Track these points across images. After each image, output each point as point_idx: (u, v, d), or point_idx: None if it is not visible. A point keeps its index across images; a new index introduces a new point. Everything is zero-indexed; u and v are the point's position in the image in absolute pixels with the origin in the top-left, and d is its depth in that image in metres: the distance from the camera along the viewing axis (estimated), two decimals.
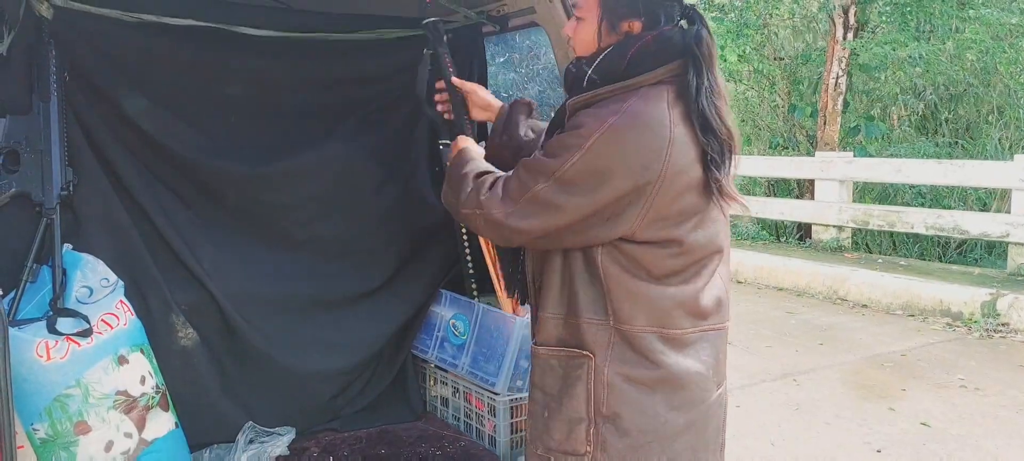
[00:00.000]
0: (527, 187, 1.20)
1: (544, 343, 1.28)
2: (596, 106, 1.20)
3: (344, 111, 2.15)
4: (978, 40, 7.22)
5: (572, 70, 1.28)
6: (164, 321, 1.84)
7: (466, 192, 1.28)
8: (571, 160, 1.16)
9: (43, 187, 1.70)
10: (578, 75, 1.26)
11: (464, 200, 1.28)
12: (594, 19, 1.25)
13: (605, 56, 1.22)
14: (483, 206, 1.24)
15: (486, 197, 1.24)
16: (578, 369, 1.23)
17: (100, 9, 1.80)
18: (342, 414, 2.14)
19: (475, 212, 1.26)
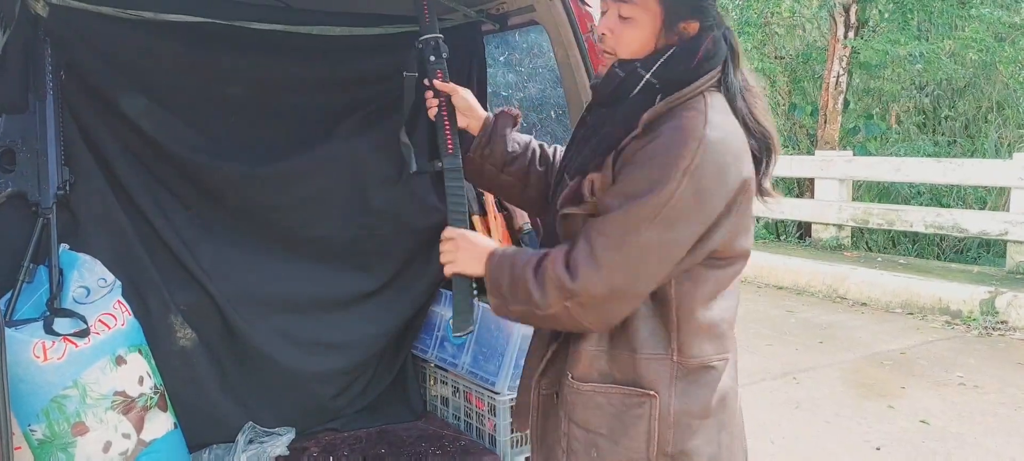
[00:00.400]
0: (626, 240, 1.04)
1: (585, 379, 1.15)
2: (673, 118, 1.07)
3: (344, 110, 2.13)
4: (978, 39, 7.21)
5: (619, 73, 1.14)
6: (163, 321, 1.83)
7: (538, 291, 1.09)
8: (675, 188, 1.03)
9: (39, 187, 1.69)
10: (631, 79, 1.13)
11: (543, 301, 1.09)
12: (654, 19, 1.12)
13: (670, 59, 1.11)
14: (576, 292, 1.06)
15: (572, 278, 1.06)
16: (637, 408, 1.13)
17: (97, 7, 1.78)
18: (342, 414, 2.12)
19: (567, 304, 1.07)
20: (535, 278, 1.10)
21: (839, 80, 7.93)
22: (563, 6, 1.98)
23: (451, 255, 1.27)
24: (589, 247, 1.07)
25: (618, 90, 1.15)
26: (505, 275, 1.16)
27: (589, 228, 1.09)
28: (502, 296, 1.16)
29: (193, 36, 1.92)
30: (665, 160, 1.05)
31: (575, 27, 1.98)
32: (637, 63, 1.13)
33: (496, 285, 1.17)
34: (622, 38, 1.14)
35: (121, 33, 1.83)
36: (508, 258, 1.18)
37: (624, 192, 1.06)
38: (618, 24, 1.14)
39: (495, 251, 1.21)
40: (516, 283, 1.13)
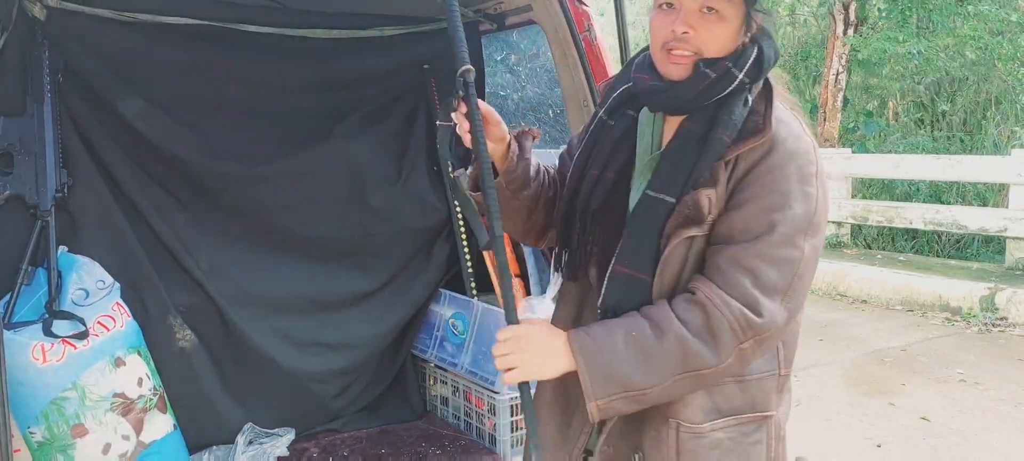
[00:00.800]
0: (792, 257, 0.98)
1: (697, 420, 1.04)
2: (781, 122, 1.02)
3: (343, 111, 2.13)
4: (977, 36, 7.20)
5: (710, 73, 1.03)
6: (162, 323, 1.82)
7: (710, 347, 0.98)
8: (816, 193, 0.99)
9: (38, 189, 1.68)
10: (725, 80, 1.03)
11: (717, 356, 0.98)
12: (739, 14, 1.03)
13: (758, 55, 1.04)
14: (762, 328, 0.97)
15: (757, 314, 0.97)
16: (756, 434, 1.07)
17: (94, 9, 1.78)
18: (342, 414, 2.12)
19: (744, 346, 0.98)
20: (698, 336, 0.97)
21: (838, 77, 7.92)
22: (560, 5, 1.98)
23: (514, 358, 1.03)
24: (755, 276, 0.97)
25: (704, 93, 1.03)
26: (622, 356, 0.98)
27: (743, 255, 0.98)
28: (619, 382, 0.98)
29: (191, 38, 1.92)
30: (800, 166, 0.99)
31: (572, 26, 1.97)
32: (727, 62, 1.03)
33: (606, 374, 0.99)
34: (710, 35, 1.02)
35: (119, 36, 1.83)
36: (609, 336, 1.00)
37: (766, 208, 0.98)
38: (701, 20, 1.02)
39: (574, 335, 1.01)
40: (656, 356, 0.98)
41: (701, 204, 1.01)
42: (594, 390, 0.99)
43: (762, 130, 1.02)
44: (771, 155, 1.01)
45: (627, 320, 1.01)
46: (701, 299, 0.99)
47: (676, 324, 0.99)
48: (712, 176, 1.02)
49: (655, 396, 1.01)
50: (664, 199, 1.04)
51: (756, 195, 1.00)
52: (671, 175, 1.05)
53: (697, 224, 1.01)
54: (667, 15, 1.04)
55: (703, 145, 1.03)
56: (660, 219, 1.04)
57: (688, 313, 0.99)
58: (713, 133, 1.03)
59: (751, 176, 1.01)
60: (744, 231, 1.00)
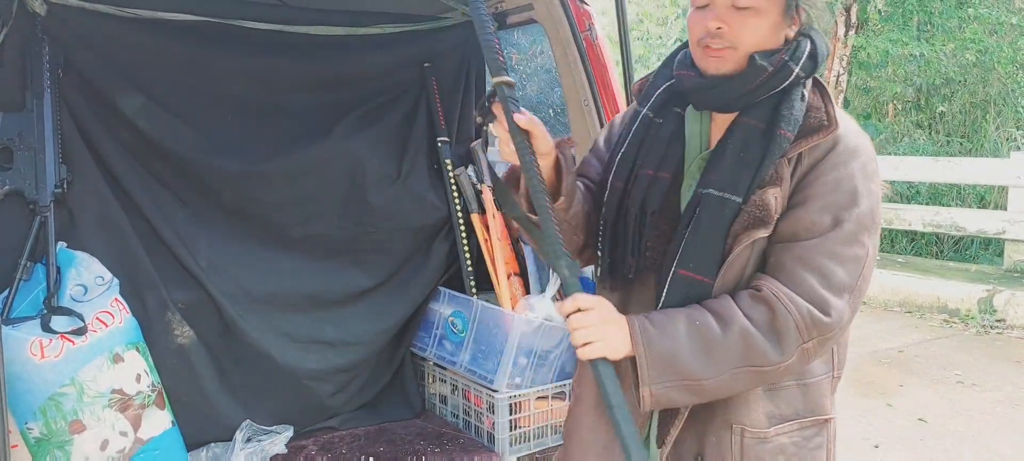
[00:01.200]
0: (857, 256, 0.97)
1: (762, 425, 1.02)
2: (842, 117, 1.02)
3: (342, 108, 2.12)
4: (977, 39, 7.21)
5: (766, 66, 1.00)
6: (160, 319, 1.82)
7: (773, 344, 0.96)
8: (876, 190, 0.99)
9: (37, 185, 1.68)
10: (782, 73, 1.00)
11: (781, 354, 0.96)
12: (776, 9, 1.01)
13: (812, 49, 1.02)
14: (829, 327, 0.96)
15: (825, 313, 0.96)
16: (817, 438, 1.06)
17: (95, 5, 1.78)
18: (340, 412, 2.11)
19: (808, 345, 0.96)
20: (763, 332, 0.95)
21: (839, 79, 7.92)
22: (561, 5, 1.98)
23: (593, 331, 0.96)
24: (823, 275, 0.96)
25: (762, 87, 1.01)
26: (683, 344, 0.95)
27: (810, 253, 0.96)
28: (677, 370, 0.96)
29: (191, 34, 1.92)
30: (864, 163, 0.99)
31: (573, 25, 1.97)
32: (785, 55, 1.01)
33: (665, 362, 0.95)
34: (744, 29, 1.00)
35: (119, 31, 1.82)
36: (671, 323, 0.97)
37: (832, 206, 0.97)
38: (734, 15, 1.00)
39: (634, 320, 0.98)
40: (718, 347, 0.95)
41: (769, 205, 0.99)
42: (650, 375, 0.96)
43: (828, 127, 1.00)
44: (834, 152, 1.00)
45: (689, 310, 0.99)
46: (767, 296, 0.97)
47: (740, 317, 0.97)
48: (778, 174, 1.00)
49: (712, 388, 0.98)
50: (730, 199, 1.01)
51: (822, 192, 0.98)
52: (734, 173, 1.02)
53: (765, 225, 0.99)
54: (702, 13, 1.03)
55: (767, 142, 1.01)
56: (726, 220, 1.01)
57: (753, 309, 0.97)
58: (775, 129, 1.01)
59: (815, 172, 1.00)
60: (810, 229, 0.98)
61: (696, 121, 1.12)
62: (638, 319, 0.99)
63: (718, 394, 1.00)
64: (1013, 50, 7.09)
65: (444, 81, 2.26)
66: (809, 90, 1.05)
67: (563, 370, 2.02)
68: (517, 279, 2.20)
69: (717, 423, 1.05)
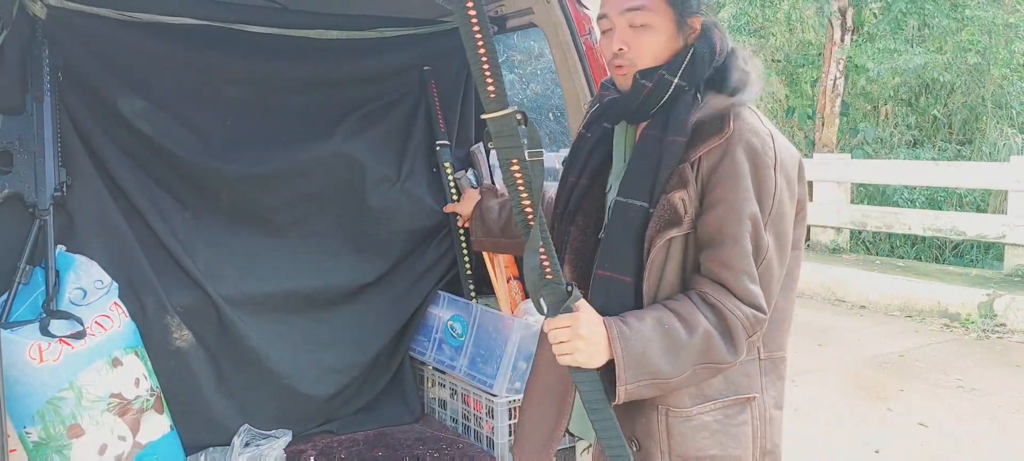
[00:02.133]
0: (763, 249, 1.07)
1: (684, 405, 1.12)
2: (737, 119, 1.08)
3: (341, 111, 2.13)
4: (973, 42, 7.23)
5: (646, 83, 1.10)
6: (159, 323, 1.82)
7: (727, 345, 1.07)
8: (774, 187, 1.07)
9: (36, 188, 1.68)
10: (661, 87, 1.10)
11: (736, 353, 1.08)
12: (667, 22, 1.11)
13: (695, 59, 1.10)
14: (764, 322, 1.08)
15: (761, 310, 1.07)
16: (740, 416, 1.15)
17: (95, 8, 1.78)
18: (339, 416, 2.11)
19: (752, 338, 1.09)
20: (720, 335, 1.06)
21: (836, 83, 7.94)
22: (561, 8, 1.98)
23: (569, 347, 1.07)
24: (745, 273, 1.06)
25: (647, 101, 1.12)
26: (654, 346, 1.04)
27: (732, 258, 1.05)
28: (649, 370, 1.05)
29: (191, 38, 1.92)
30: (756, 162, 1.07)
31: (573, 29, 1.98)
32: (662, 70, 1.10)
33: (638, 362, 1.04)
34: (641, 47, 1.11)
35: (119, 35, 1.83)
36: (642, 325, 1.05)
37: (737, 205, 1.06)
38: (632, 35, 1.11)
39: (611, 324, 1.06)
40: (683, 348, 1.05)
41: (676, 206, 1.08)
42: (626, 376, 1.05)
43: (721, 130, 1.08)
44: (730, 153, 1.08)
45: (657, 313, 1.08)
46: (714, 303, 1.07)
47: (702, 320, 1.07)
48: (681, 178, 1.09)
49: (676, 385, 1.09)
50: (634, 203, 1.11)
51: (723, 195, 1.07)
52: (637, 180, 1.12)
53: (676, 225, 1.08)
54: (608, 38, 1.16)
55: (660, 148, 1.11)
56: (634, 223, 1.11)
57: (708, 313, 1.07)
58: (666, 137, 1.11)
59: (716, 176, 1.08)
60: (720, 232, 1.07)
61: (622, 135, 1.23)
62: (615, 323, 1.07)
63: (681, 388, 1.11)
64: (1009, 52, 7.11)
65: (444, 84, 2.26)
66: (712, 96, 1.12)
67: None
68: (517, 283, 2.20)
69: (646, 405, 1.13)
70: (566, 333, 1.07)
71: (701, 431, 1.12)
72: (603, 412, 1.08)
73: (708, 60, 1.11)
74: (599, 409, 1.08)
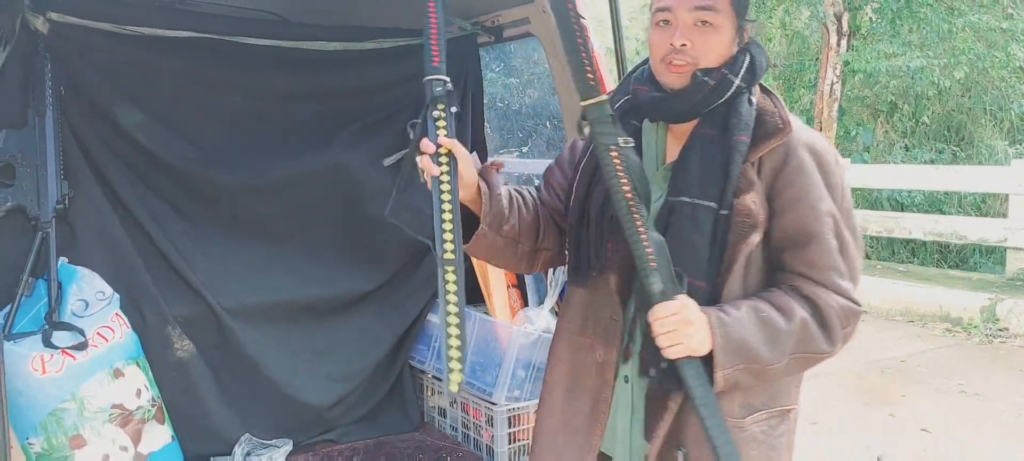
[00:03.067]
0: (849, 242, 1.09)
1: (743, 414, 1.11)
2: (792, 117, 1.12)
3: (340, 122, 2.15)
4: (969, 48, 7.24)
5: (709, 81, 1.09)
6: (160, 334, 1.83)
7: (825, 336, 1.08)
8: (840, 182, 1.10)
9: (39, 201, 1.71)
10: (723, 86, 1.10)
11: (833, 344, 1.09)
12: (730, 26, 1.11)
13: (754, 62, 1.12)
14: (858, 314, 1.10)
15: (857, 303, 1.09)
16: (782, 425, 1.15)
17: (96, 23, 1.81)
18: (339, 425, 2.12)
19: (847, 330, 1.10)
20: (817, 324, 1.07)
21: (833, 88, 7.96)
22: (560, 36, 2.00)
23: (679, 336, 1.04)
24: (833, 269, 1.07)
25: (706, 99, 1.11)
26: (753, 332, 1.05)
27: (818, 255, 1.07)
28: (747, 355, 1.05)
29: (192, 51, 1.95)
30: (823, 159, 1.09)
31: None
32: (724, 69, 1.10)
33: (738, 347, 1.04)
34: (706, 47, 1.09)
35: (121, 49, 1.85)
36: (740, 313, 1.06)
37: (813, 206, 1.07)
38: (697, 33, 1.09)
39: (711, 313, 1.06)
40: (781, 335, 1.06)
41: (752, 210, 1.08)
42: (724, 360, 1.05)
43: (782, 130, 1.09)
44: (794, 153, 1.09)
45: (752, 302, 1.08)
46: (808, 294, 1.08)
47: (799, 309, 1.07)
48: (747, 180, 1.08)
49: (772, 374, 1.08)
50: (702, 204, 1.09)
51: (798, 195, 1.08)
52: (701, 179, 1.10)
53: (755, 230, 1.08)
54: (664, 30, 1.11)
55: (726, 147, 1.09)
56: (704, 225, 1.09)
57: (803, 304, 1.08)
58: (731, 136, 1.09)
59: (783, 177, 1.09)
60: (803, 232, 1.08)
61: (652, 133, 1.20)
62: (714, 312, 1.06)
63: (775, 378, 1.10)
64: (1006, 56, 7.13)
65: None
66: (758, 96, 1.14)
67: None
68: (515, 291, 2.21)
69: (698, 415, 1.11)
70: (675, 321, 1.03)
71: (750, 443, 1.11)
72: (713, 407, 1.04)
73: (765, 66, 1.13)
74: (708, 404, 1.04)
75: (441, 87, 1.13)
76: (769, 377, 1.09)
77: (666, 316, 1.04)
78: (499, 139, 3.00)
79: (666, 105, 1.13)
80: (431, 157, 1.10)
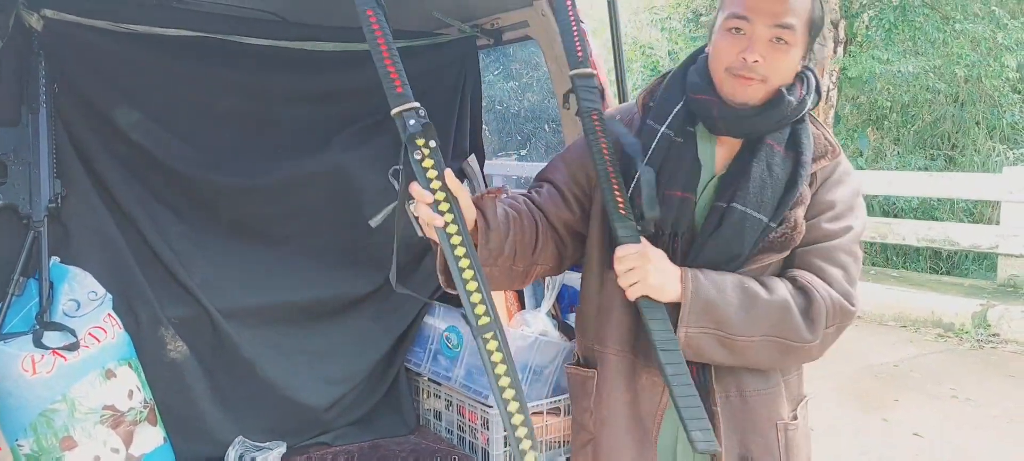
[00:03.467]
0: (859, 256, 1.17)
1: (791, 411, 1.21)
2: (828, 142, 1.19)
3: (338, 123, 2.14)
4: (964, 55, 7.31)
5: (792, 100, 1.11)
6: (153, 335, 1.82)
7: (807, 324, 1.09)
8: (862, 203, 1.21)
9: (31, 199, 1.69)
10: (800, 106, 1.13)
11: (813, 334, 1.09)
12: (801, 48, 1.11)
13: (817, 83, 1.18)
14: (850, 315, 1.13)
15: (851, 303, 1.12)
16: (804, 411, 1.25)
17: (91, 20, 1.80)
18: (333, 427, 2.11)
19: (829, 330, 1.11)
20: (801, 311, 1.08)
21: (829, 94, 8.01)
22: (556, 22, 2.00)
23: (639, 273, 1.06)
24: (845, 271, 1.13)
25: (781, 118, 1.12)
26: (727, 296, 1.05)
27: (833, 252, 1.12)
28: (715, 318, 1.05)
29: (188, 50, 1.94)
30: (854, 179, 1.20)
31: None
32: (804, 90, 1.14)
33: (705, 306, 1.05)
34: (779, 65, 1.08)
35: (115, 46, 1.84)
36: (721, 277, 1.07)
37: (843, 215, 1.16)
38: (772, 50, 1.07)
39: (686, 268, 1.08)
40: (758, 309, 1.06)
41: (800, 224, 1.12)
42: (689, 317, 1.05)
43: (834, 149, 1.18)
44: (840, 169, 1.19)
45: (741, 276, 1.11)
46: (804, 284, 1.11)
47: (785, 291, 1.09)
48: (802, 195, 1.14)
49: (740, 347, 1.07)
50: (754, 215, 1.10)
51: (833, 204, 1.15)
52: (759, 193, 1.11)
53: (790, 246, 1.12)
54: (736, 39, 1.08)
55: (794, 167, 1.13)
56: (752, 235, 1.11)
57: (794, 291, 1.11)
58: (802, 156, 1.13)
59: (824, 189, 1.16)
60: (829, 234, 1.14)
61: (706, 141, 1.17)
62: (691, 270, 1.09)
63: (744, 356, 1.09)
64: (1000, 65, 7.20)
65: (438, 97, 2.28)
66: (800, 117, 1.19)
67: (558, 385, 2.02)
68: (512, 294, 2.21)
69: (761, 423, 1.15)
70: (635, 258, 1.06)
71: (803, 437, 1.20)
72: (673, 354, 1.04)
73: (819, 88, 1.19)
74: (670, 351, 1.05)
75: (414, 119, 1.03)
76: (739, 350, 1.07)
77: (627, 254, 1.06)
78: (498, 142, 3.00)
79: (745, 122, 1.10)
80: (429, 206, 1.01)
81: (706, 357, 1.08)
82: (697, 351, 1.07)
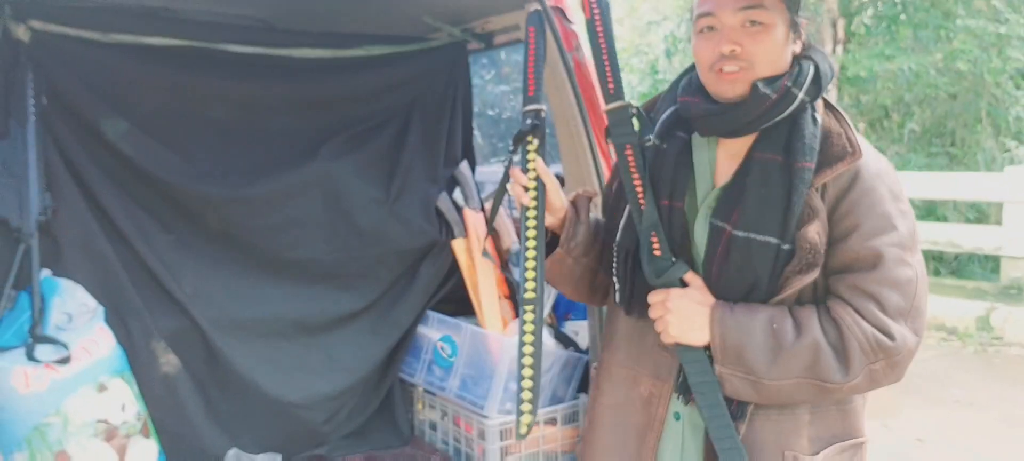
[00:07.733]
0: (908, 277, 1.02)
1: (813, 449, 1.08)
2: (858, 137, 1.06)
3: (329, 131, 2.19)
4: (966, 51, 7.45)
5: (769, 94, 1.02)
6: (145, 347, 1.86)
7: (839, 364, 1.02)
8: (908, 209, 1.05)
9: (21, 212, 1.73)
10: (786, 99, 1.03)
11: (846, 376, 1.02)
12: (783, 24, 1.02)
13: (817, 75, 1.05)
14: (894, 351, 1.02)
15: (890, 337, 1.01)
16: (854, 459, 1.16)
17: (79, 31, 1.85)
18: (328, 439, 2.15)
19: (875, 367, 1.03)
20: (834, 349, 1.02)
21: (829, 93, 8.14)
22: (548, 25, 2.07)
23: (661, 324, 1.09)
24: (879, 301, 1.01)
25: (766, 114, 1.03)
26: (757, 341, 1.02)
27: (863, 283, 1.02)
28: (745, 364, 1.03)
29: (176, 59, 1.99)
30: (890, 184, 1.05)
31: (560, 45, 2.07)
32: (787, 81, 1.03)
33: (736, 353, 1.03)
34: (759, 49, 1.01)
35: (103, 57, 1.90)
36: (751, 319, 1.03)
37: (872, 234, 1.02)
38: (747, 35, 1.02)
39: (716, 308, 1.06)
40: (787, 352, 1.02)
41: (816, 243, 1.02)
42: (722, 359, 1.05)
43: (851, 154, 1.03)
44: (860, 178, 1.04)
45: (772, 310, 1.05)
46: (835, 317, 1.03)
47: (817, 330, 1.03)
48: (812, 208, 1.03)
49: (772, 390, 1.04)
50: (759, 239, 1.04)
51: (858, 223, 1.03)
52: (759, 212, 1.04)
53: (815, 267, 1.03)
54: (709, 38, 1.05)
55: (788, 177, 1.03)
56: (764, 261, 1.04)
57: (827, 326, 1.04)
58: (794, 163, 1.03)
59: (847, 203, 1.04)
60: (857, 261, 1.03)
61: (703, 148, 1.14)
62: (720, 308, 1.06)
63: (779, 397, 1.06)
64: (1002, 61, 7.33)
65: (430, 103, 2.34)
66: (822, 114, 1.07)
67: (554, 395, 2.08)
68: (507, 302, 2.27)
69: (769, 451, 1.09)
70: (657, 308, 1.09)
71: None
72: (711, 396, 1.04)
73: (829, 77, 1.06)
74: (706, 393, 1.05)
75: (532, 118, 1.26)
76: (772, 394, 1.04)
77: (654, 301, 1.09)
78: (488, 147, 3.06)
79: (720, 119, 1.06)
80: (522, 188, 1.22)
81: (743, 397, 1.07)
82: (734, 391, 1.06)
